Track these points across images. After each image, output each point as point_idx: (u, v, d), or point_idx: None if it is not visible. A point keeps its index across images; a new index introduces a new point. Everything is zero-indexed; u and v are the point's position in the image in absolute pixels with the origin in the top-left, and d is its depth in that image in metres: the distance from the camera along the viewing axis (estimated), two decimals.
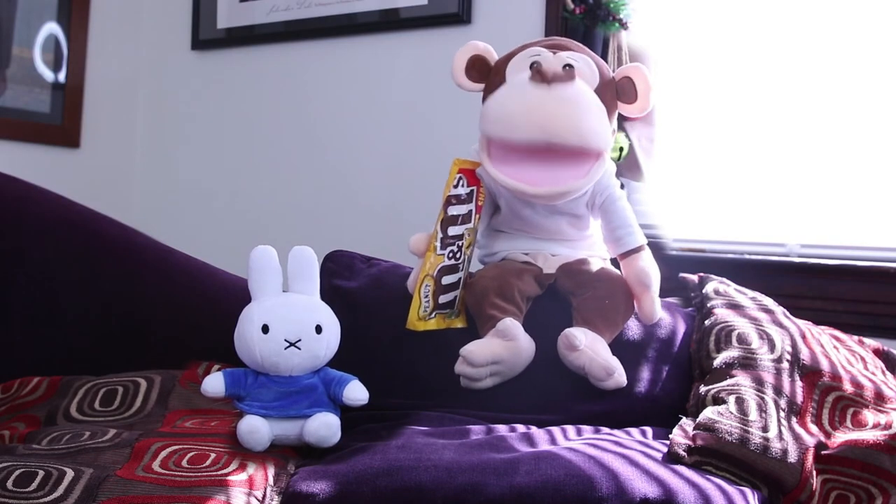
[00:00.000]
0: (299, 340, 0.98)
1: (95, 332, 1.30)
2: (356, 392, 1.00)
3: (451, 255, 1.17)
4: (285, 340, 0.98)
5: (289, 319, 0.99)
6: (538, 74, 1.10)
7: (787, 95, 1.68)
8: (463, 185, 1.16)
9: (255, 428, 0.94)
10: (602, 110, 1.13)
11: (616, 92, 1.18)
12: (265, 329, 0.98)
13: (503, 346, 1.10)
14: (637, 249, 1.20)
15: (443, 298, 1.18)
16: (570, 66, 1.13)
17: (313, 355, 1.00)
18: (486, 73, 1.20)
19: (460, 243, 1.18)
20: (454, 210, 1.16)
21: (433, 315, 1.19)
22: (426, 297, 1.16)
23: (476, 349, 1.10)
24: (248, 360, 1.00)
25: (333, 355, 1.03)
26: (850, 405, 1.08)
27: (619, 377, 1.11)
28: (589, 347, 1.10)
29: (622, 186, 1.27)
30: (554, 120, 1.09)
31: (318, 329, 1.00)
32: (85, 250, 1.33)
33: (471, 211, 1.19)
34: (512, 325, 1.10)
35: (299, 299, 1.02)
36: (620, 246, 1.21)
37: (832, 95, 1.64)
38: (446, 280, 1.18)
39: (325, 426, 0.97)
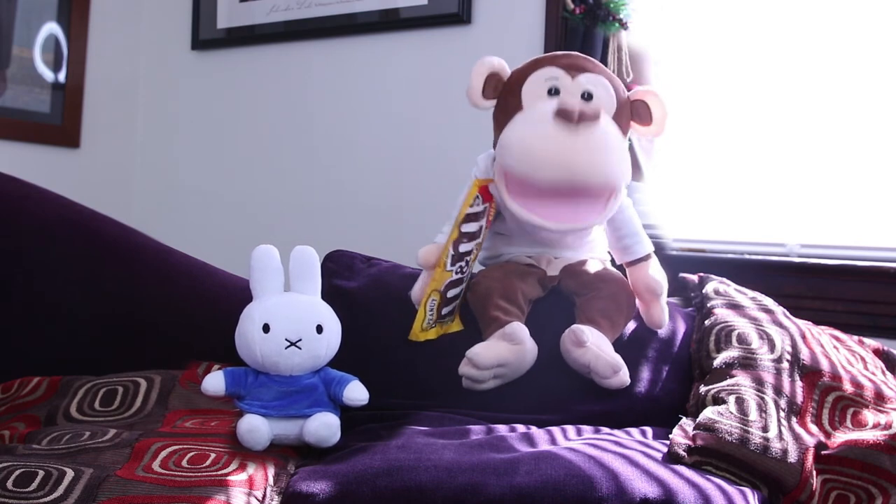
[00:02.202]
0: (300, 340, 0.98)
1: (95, 332, 1.30)
2: (356, 392, 1.00)
3: (458, 270, 1.18)
4: (286, 340, 0.98)
5: (290, 319, 0.99)
6: (564, 115, 1.08)
7: (786, 95, 1.68)
8: (478, 204, 1.16)
9: (255, 427, 0.94)
10: (623, 145, 1.12)
11: (631, 112, 1.18)
12: (266, 328, 0.98)
13: (509, 349, 1.10)
14: (645, 258, 1.20)
15: (445, 310, 1.19)
16: (589, 93, 1.13)
17: (314, 355, 1.00)
18: (498, 88, 1.18)
19: (468, 258, 1.19)
20: (467, 228, 1.16)
21: (434, 325, 1.19)
22: (431, 310, 1.17)
23: (483, 352, 1.09)
24: (248, 359, 1.00)
25: (334, 355, 1.03)
26: (850, 405, 1.07)
27: (624, 376, 1.11)
28: (594, 345, 1.10)
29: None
30: (581, 164, 1.08)
31: (319, 329, 1.00)
32: (85, 250, 1.33)
33: (481, 227, 1.19)
34: (519, 328, 1.10)
35: (300, 299, 1.02)
36: (628, 254, 1.21)
37: (832, 96, 1.64)
38: (451, 293, 1.19)
39: (324, 426, 0.97)
